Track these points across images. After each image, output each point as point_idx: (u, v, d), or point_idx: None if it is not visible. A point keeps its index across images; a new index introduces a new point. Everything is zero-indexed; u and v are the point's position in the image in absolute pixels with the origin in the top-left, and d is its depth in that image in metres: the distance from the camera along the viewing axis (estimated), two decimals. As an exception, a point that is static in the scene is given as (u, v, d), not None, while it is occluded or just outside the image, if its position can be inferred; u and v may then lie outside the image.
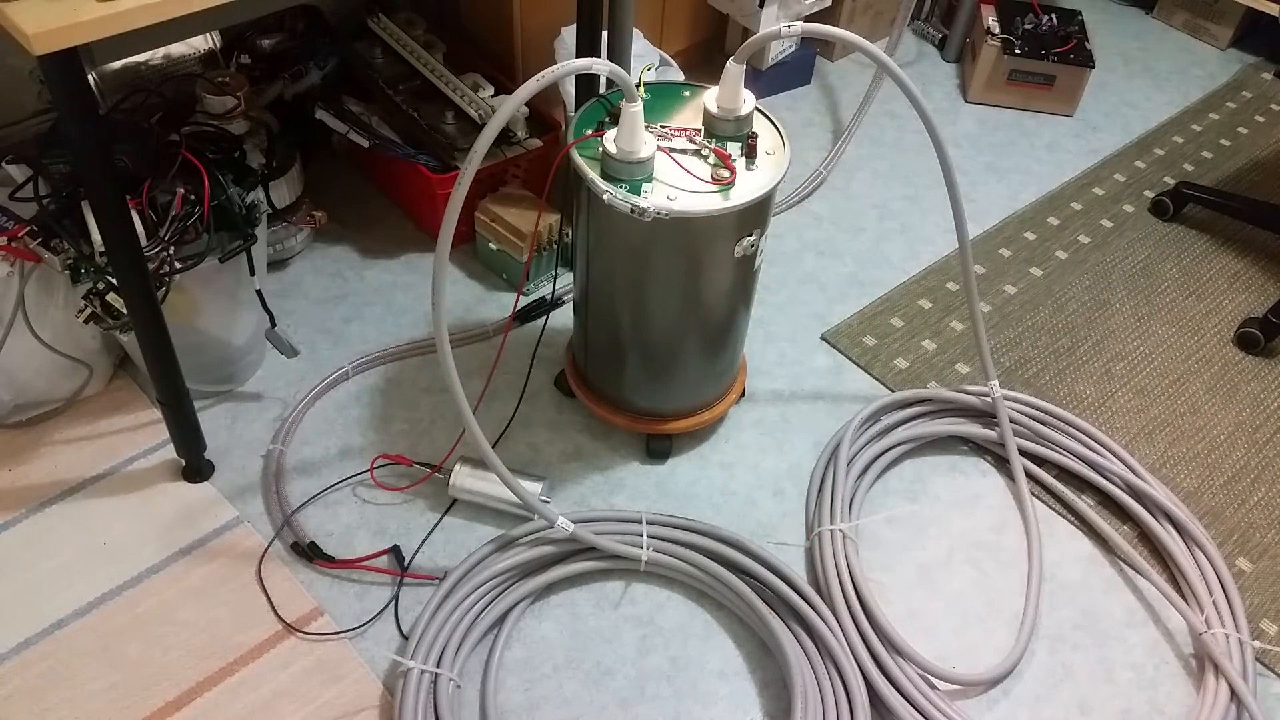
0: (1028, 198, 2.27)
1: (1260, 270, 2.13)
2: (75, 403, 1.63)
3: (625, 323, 1.47)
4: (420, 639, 1.33)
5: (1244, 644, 1.44)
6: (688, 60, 2.35)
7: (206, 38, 1.86)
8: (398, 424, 1.66)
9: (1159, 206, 2.24)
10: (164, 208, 1.38)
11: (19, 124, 1.69)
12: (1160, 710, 1.40)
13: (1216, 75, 2.73)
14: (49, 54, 1.02)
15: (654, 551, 1.44)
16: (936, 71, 2.64)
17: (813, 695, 1.32)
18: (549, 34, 1.94)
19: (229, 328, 1.60)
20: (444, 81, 1.84)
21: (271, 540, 1.48)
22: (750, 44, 1.32)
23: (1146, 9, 2.95)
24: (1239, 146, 2.48)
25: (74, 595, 1.40)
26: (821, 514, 1.53)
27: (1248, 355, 1.93)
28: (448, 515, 1.53)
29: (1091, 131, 2.48)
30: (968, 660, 1.43)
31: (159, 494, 1.53)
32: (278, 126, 1.76)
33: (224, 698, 1.31)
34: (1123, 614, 1.51)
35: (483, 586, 1.39)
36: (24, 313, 1.44)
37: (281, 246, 1.87)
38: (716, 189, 1.30)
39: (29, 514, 1.49)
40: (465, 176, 1.15)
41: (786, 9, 2.26)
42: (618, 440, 1.66)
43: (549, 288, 1.88)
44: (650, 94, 1.41)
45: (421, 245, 1.97)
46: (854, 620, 1.40)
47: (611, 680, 1.37)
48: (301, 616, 1.40)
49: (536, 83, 1.14)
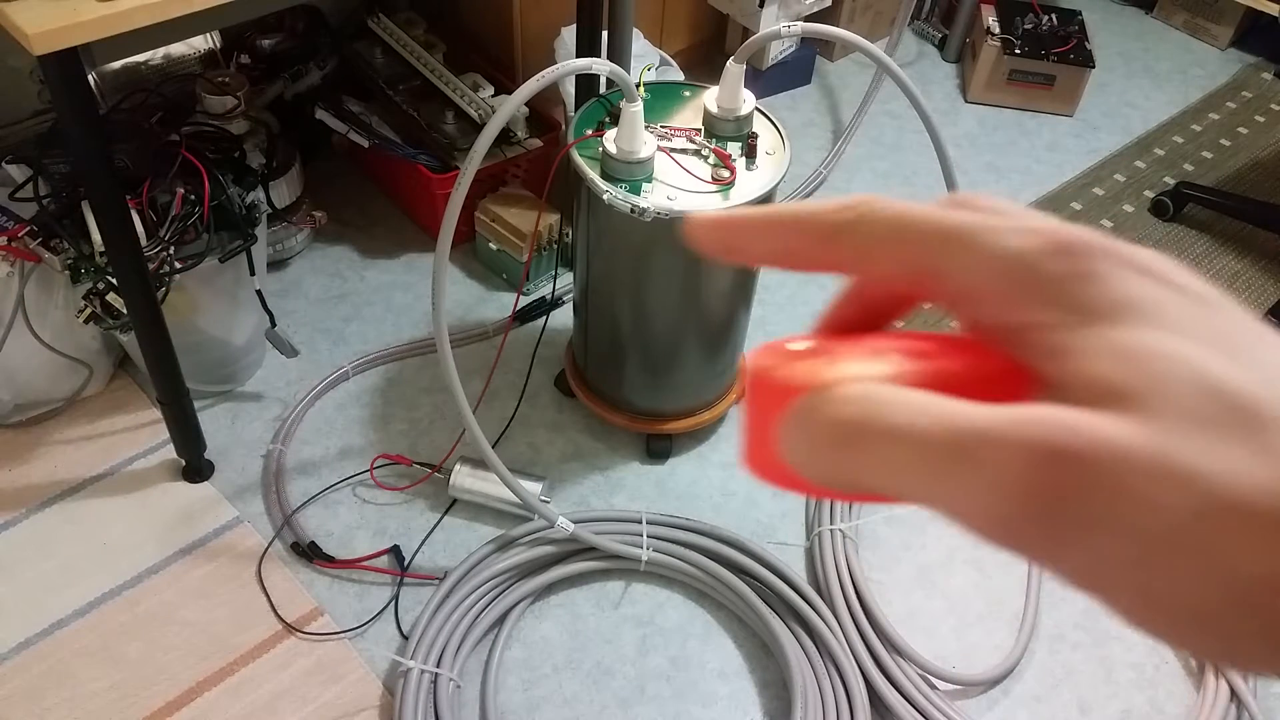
0: (1028, 198, 2.26)
1: (1260, 270, 2.12)
2: (75, 403, 1.63)
3: (625, 323, 1.47)
4: (420, 639, 1.33)
5: None
6: (688, 60, 2.35)
7: (206, 38, 1.86)
8: (398, 424, 1.65)
9: (1159, 206, 2.24)
10: (164, 208, 1.38)
11: (19, 124, 1.69)
12: (1160, 710, 1.40)
13: (1216, 75, 2.73)
14: (49, 54, 1.02)
15: (654, 551, 1.44)
16: (936, 71, 2.64)
17: (813, 695, 1.32)
18: (549, 34, 1.94)
19: (229, 328, 1.60)
20: (444, 81, 1.84)
21: (271, 540, 1.48)
22: (750, 44, 1.32)
23: (1146, 9, 2.95)
24: (1239, 146, 2.48)
25: (74, 595, 1.40)
26: (821, 514, 1.53)
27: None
28: (448, 515, 1.53)
29: (1091, 131, 2.48)
30: (968, 660, 1.43)
31: (159, 494, 1.53)
32: (278, 126, 1.76)
33: (224, 698, 1.31)
34: (1123, 614, 1.51)
35: (483, 586, 1.39)
36: (24, 313, 1.44)
37: (281, 246, 1.87)
38: (716, 189, 1.30)
39: (29, 514, 1.49)
40: (465, 176, 1.15)
41: (786, 9, 2.25)
42: (618, 440, 1.66)
43: (549, 288, 1.88)
44: (650, 94, 1.41)
45: (421, 245, 1.97)
46: (854, 620, 1.40)
47: (611, 680, 1.37)
48: (301, 616, 1.40)
49: (536, 83, 1.14)
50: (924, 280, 0.22)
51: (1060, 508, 0.18)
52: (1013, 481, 0.18)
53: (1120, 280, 0.20)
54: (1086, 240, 0.21)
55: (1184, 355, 0.19)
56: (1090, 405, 0.19)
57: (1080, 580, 0.19)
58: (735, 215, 0.25)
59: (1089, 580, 0.19)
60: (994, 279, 0.21)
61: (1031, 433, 0.18)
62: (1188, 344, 0.19)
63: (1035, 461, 0.18)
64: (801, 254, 0.24)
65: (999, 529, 0.19)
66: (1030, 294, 0.21)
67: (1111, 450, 0.18)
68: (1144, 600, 0.19)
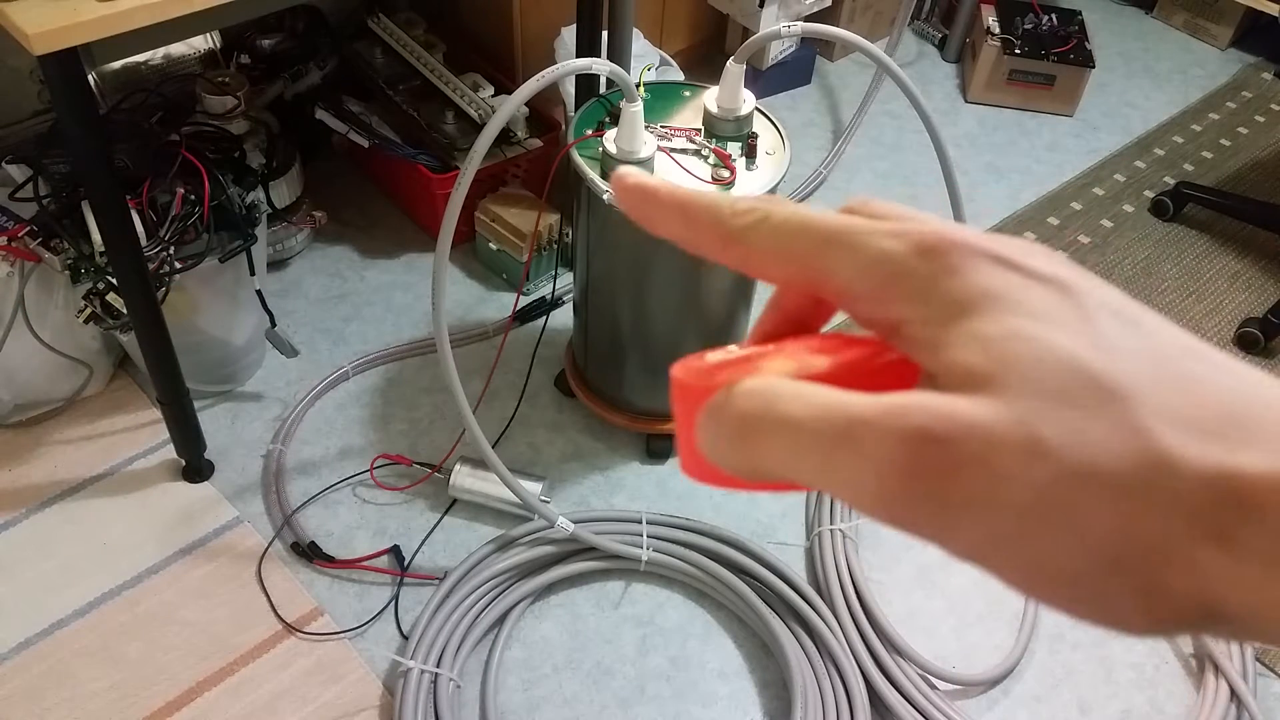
0: (1028, 198, 2.26)
1: (1260, 270, 2.12)
2: (75, 403, 1.63)
3: (625, 323, 1.47)
4: (420, 639, 1.33)
5: (1244, 644, 1.44)
6: (688, 60, 2.35)
7: (206, 38, 1.86)
8: (398, 424, 1.65)
9: (1159, 206, 2.24)
10: (164, 208, 1.38)
11: (19, 124, 1.69)
12: (1160, 710, 1.40)
13: (1216, 75, 2.73)
14: (49, 54, 1.02)
15: (654, 551, 1.44)
16: (936, 71, 2.64)
17: (813, 695, 1.32)
18: (549, 34, 1.94)
19: (229, 328, 1.60)
20: (444, 81, 1.84)
21: (271, 540, 1.48)
22: (750, 44, 1.32)
23: (1146, 9, 2.95)
24: (1239, 146, 2.48)
25: (74, 595, 1.40)
26: (821, 513, 1.53)
27: (1248, 355, 1.93)
28: (448, 515, 1.53)
29: (1091, 131, 2.48)
30: (968, 660, 1.43)
31: (159, 494, 1.53)
32: (278, 126, 1.76)
33: (224, 698, 1.31)
34: (1123, 614, 1.51)
35: (483, 586, 1.39)
36: (24, 313, 1.44)
37: (281, 246, 1.87)
38: (716, 189, 1.30)
39: (29, 514, 1.49)
40: (465, 176, 1.15)
41: (786, 9, 2.25)
42: (618, 440, 1.66)
43: (549, 288, 1.88)
44: (650, 94, 1.41)
45: (421, 245, 1.97)
46: (854, 620, 1.40)
47: (611, 680, 1.37)
48: (301, 616, 1.40)
49: (536, 83, 1.14)
50: (811, 283, 0.24)
51: (936, 487, 0.20)
52: (890, 464, 0.20)
53: (981, 274, 0.22)
54: (950, 238, 0.22)
55: (1041, 337, 0.20)
56: (957, 391, 0.20)
57: (969, 555, 0.20)
58: (655, 187, 0.27)
59: (976, 555, 0.20)
60: (867, 279, 0.23)
61: (902, 419, 0.20)
62: (1046, 327, 0.20)
63: (907, 445, 0.20)
64: (702, 245, 0.26)
65: (885, 509, 0.20)
66: (899, 292, 0.22)
67: (973, 430, 0.19)
68: (1026, 570, 0.20)
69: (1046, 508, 0.19)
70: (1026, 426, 0.19)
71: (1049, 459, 0.19)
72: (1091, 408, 0.19)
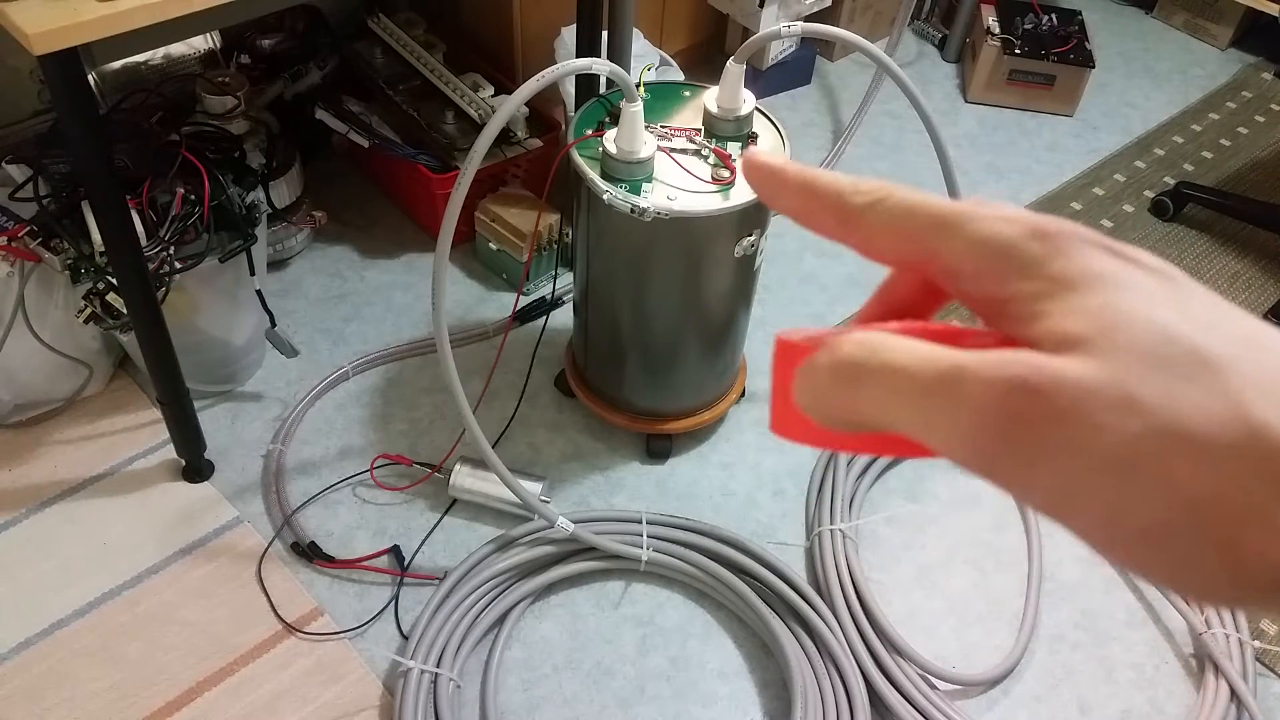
0: (1028, 198, 2.26)
1: (1260, 270, 2.12)
2: (75, 403, 1.63)
3: (625, 323, 1.47)
4: (420, 639, 1.33)
5: (1244, 644, 1.44)
6: (688, 60, 2.35)
7: (206, 38, 1.86)
8: (398, 424, 1.65)
9: (1159, 206, 2.24)
10: (164, 208, 1.38)
11: (19, 124, 1.69)
12: (1160, 710, 1.40)
13: (1216, 75, 2.73)
14: (49, 54, 1.02)
15: (654, 551, 1.44)
16: (936, 71, 2.64)
17: (813, 695, 1.32)
18: (549, 34, 1.94)
19: (229, 328, 1.60)
20: (444, 81, 1.84)
21: (271, 540, 1.48)
22: (750, 44, 1.32)
23: (1146, 9, 2.95)
24: (1239, 146, 2.48)
25: (74, 595, 1.40)
26: (821, 514, 1.53)
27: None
28: (448, 515, 1.53)
29: (1091, 131, 2.48)
30: (968, 660, 1.43)
31: (159, 494, 1.53)
32: (278, 126, 1.76)
33: (224, 698, 1.31)
34: (1123, 614, 1.51)
35: (483, 586, 1.39)
36: (24, 313, 1.44)
37: (281, 246, 1.87)
38: (716, 189, 1.30)
39: (29, 514, 1.49)
40: (465, 176, 1.15)
41: (786, 9, 2.25)
42: (618, 440, 1.66)
43: (549, 288, 1.88)
44: (650, 94, 1.41)
45: (421, 245, 1.97)
46: (854, 620, 1.40)
47: (611, 680, 1.37)
48: (301, 616, 1.40)
49: (536, 83, 1.14)
50: (921, 260, 0.25)
51: (1029, 434, 0.21)
52: (987, 410, 0.21)
53: (1089, 257, 0.23)
54: (1060, 226, 0.24)
55: (1141, 309, 0.22)
56: (1056, 352, 0.22)
57: (1048, 505, 0.22)
58: (782, 166, 0.29)
59: (1055, 504, 0.21)
60: (978, 257, 0.24)
61: (1003, 370, 0.21)
62: (1147, 302, 0.22)
63: (1007, 394, 0.21)
64: (821, 224, 0.28)
65: (976, 455, 0.22)
66: (1010, 268, 0.24)
67: (1069, 382, 0.21)
68: (1104, 522, 0.21)
69: (1134, 459, 0.20)
70: (1122, 384, 0.20)
71: (1142, 414, 0.20)
72: (1186, 374, 0.20)
